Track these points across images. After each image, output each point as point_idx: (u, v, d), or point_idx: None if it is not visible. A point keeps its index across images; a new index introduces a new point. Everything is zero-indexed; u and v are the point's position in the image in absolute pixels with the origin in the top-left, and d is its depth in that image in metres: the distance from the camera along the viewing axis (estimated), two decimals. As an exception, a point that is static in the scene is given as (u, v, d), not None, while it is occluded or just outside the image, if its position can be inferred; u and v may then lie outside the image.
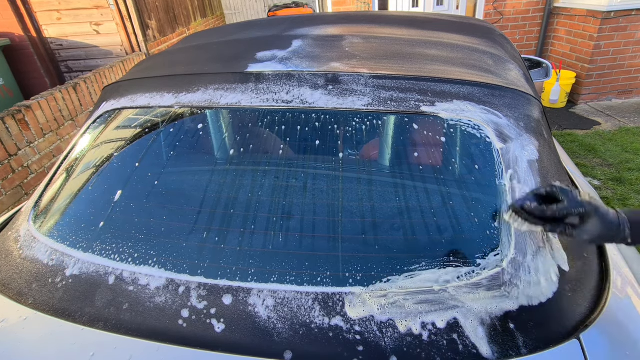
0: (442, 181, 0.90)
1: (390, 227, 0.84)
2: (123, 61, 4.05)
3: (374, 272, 0.77)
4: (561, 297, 0.73)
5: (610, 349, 0.69)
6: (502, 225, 0.79)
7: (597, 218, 0.70)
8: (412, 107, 0.92)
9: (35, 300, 0.83)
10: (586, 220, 0.70)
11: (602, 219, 0.70)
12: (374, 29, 1.39)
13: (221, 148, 1.11)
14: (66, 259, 0.88)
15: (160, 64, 1.26)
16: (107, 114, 1.15)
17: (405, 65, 1.03)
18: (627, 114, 4.20)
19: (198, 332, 0.73)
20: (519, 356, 0.66)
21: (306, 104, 0.96)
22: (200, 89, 1.05)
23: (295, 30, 1.39)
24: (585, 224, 0.70)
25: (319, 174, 0.95)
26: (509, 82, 1.01)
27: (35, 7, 4.28)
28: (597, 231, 0.70)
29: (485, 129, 0.89)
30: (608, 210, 0.71)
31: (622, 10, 4.01)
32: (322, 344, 0.69)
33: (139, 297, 0.79)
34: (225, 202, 0.92)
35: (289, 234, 0.85)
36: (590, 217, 0.70)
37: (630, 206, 2.72)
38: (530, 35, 4.92)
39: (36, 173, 2.78)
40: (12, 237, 0.99)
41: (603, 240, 0.72)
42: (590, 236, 0.70)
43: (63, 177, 1.08)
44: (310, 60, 1.08)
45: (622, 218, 0.70)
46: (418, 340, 0.68)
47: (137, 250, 0.86)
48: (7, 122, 2.51)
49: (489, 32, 1.45)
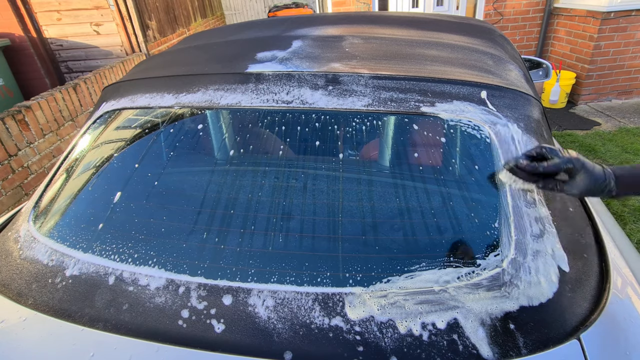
0: (442, 181, 0.90)
1: (390, 228, 0.84)
2: (123, 61, 4.05)
3: (374, 272, 0.77)
4: (561, 298, 0.73)
5: (610, 349, 0.69)
6: (502, 224, 0.79)
7: (584, 172, 0.75)
8: (412, 107, 0.92)
9: (35, 301, 0.83)
10: (574, 175, 0.76)
11: (589, 174, 0.75)
12: (374, 30, 1.39)
13: (221, 148, 1.11)
14: (66, 259, 0.88)
15: (160, 65, 1.26)
16: (107, 115, 1.15)
17: (405, 66, 1.03)
18: (627, 115, 4.20)
19: (198, 332, 0.73)
20: (519, 356, 0.66)
21: (306, 105, 0.96)
22: (201, 89, 1.05)
23: (295, 30, 1.39)
24: (574, 179, 0.76)
25: (319, 174, 0.95)
26: (509, 82, 1.01)
27: (35, 8, 4.28)
28: (585, 185, 0.75)
29: (485, 130, 0.89)
30: (594, 166, 0.77)
31: (622, 11, 4.01)
32: (322, 345, 0.69)
33: (139, 297, 0.79)
34: (225, 203, 0.92)
35: (289, 234, 0.85)
36: (578, 171, 0.75)
37: (630, 206, 2.72)
38: (530, 35, 4.92)
39: (36, 173, 2.78)
40: (12, 237, 0.99)
41: (591, 194, 0.77)
42: (579, 190, 0.76)
43: (63, 178, 1.08)
44: (310, 61, 1.08)
45: (608, 172, 0.76)
46: (418, 340, 0.68)
47: (137, 250, 0.86)
48: (7, 122, 2.51)
49: (489, 32, 1.45)
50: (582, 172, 0.75)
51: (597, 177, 0.75)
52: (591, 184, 0.75)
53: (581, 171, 0.75)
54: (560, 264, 0.75)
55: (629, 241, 1.01)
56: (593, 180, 0.75)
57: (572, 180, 0.76)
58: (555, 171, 0.77)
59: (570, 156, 0.76)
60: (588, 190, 0.75)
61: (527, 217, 0.79)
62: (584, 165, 0.76)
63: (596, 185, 0.75)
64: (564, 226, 0.83)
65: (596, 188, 0.75)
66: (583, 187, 0.75)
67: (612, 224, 1.05)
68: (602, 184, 0.75)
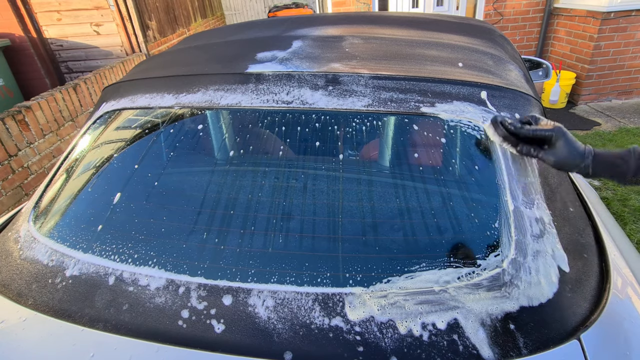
0: (442, 182, 0.90)
1: (391, 228, 0.84)
2: (123, 62, 4.05)
3: (374, 272, 0.77)
4: (561, 298, 0.73)
5: (610, 349, 0.69)
6: (502, 224, 0.79)
7: (564, 142, 0.77)
8: (412, 107, 0.92)
9: (35, 301, 0.83)
10: (554, 143, 0.78)
11: (568, 145, 0.77)
12: (374, 30, 1.39)
13: (221, 149, 1.11)
14: (66, 259, 0.88)
15: (160, 65, 1.26)
16: (107, 115, 1.15)
17: (405, 66, 1.03)
18: (627, 115, 4.20)
19: (198, 332, 0.73)
20: (520, 357, 0.66)
21: (306, 105, 0.96)
22: (201, 89, 1.05)
23: (295, 30, 1.39)
24: (553, 147, 0.78)
25: (319, 174, 0.95)
26: (509, 82, 1.01)
27: (35, 8, 4.28)
28: (562, 155, 0.77)
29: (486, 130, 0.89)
30: (576, 140, 0.78)
31: (622, 11, 4.01)
32: (322, 345, 0.69)
33: (139, 297, 0.79)
34: (225, 203, 0.92)
35: (289, 234, 0.85)
36: (558, 140, 0.77)
37: (631, 207, 2.72)
38: (530, 35, 4.92)
39: (36, 174, 2.79)
40: (12, 237, 0.99)
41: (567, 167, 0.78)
42: (555, 158, 0.78)
43: (63, 178, 1.08)
44: (310, 61, 1.08)
45: (588, 150, 0.77)
46: (418, 341, 0.68)
47: (137, 250, 0.86)
48: (7, 122, 2.51)
49: (489, 32, 1.45)
50: (562, 141, 0.77)
51: (575, 150, 0.76)
52: (569, 156, 0.76)
53: (561, 140, 0.77)
54: (560, 264, 0.75)
55: (629, 241, 1.01)
56: (571, 152, 0.76)
57: (551, 148, 0.78)
58: (537, 137, 0.79)
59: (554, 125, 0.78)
60: (564, 161, 0.77)
61: (527, 218, 0.79)
62: (565, 135, 0.77)
63: (573, 159, 0.76)
64: (564, 226, 0.83)
65: (572, 161, 0.77)
66: (560, 156, 0.77)
67: (612, 224, 1.05)
68: (579, 158, 0.76)
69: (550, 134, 0.78)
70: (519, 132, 0.81)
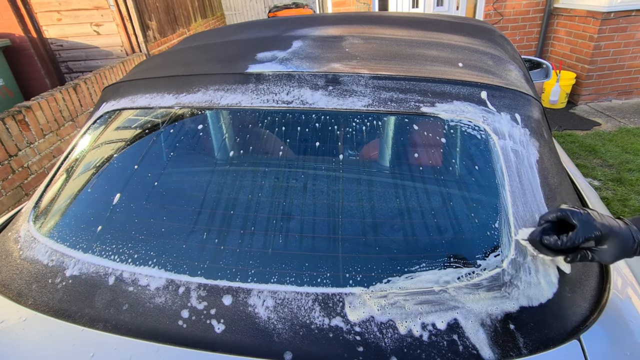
0: (442, 182, 0.90)
1: (391, 228, 0.84)
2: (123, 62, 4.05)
3: (374, 272, 0.77)
4: (561, 298, 0.73)
5: (610, 349, 0.69)
6: (502, 225, 0.79)
7: (613, 238, 0.69)
8: (412, 107, 0.92)
9: (35, 301, 0.83)
10: (603, 242, 0.70)
11: (618, 238, 0.69)
12: (374, 30, 1.39)
13: (221, 149, 1.11)
14: (66, 259, 0.88)
15: (160, 65, 1.26)
16: (107, 115, 1.15)
17: (406, 66, 1.03)
18: (627, 115, 4.20)
19: (198, 332, 0.73)
20: (520, 357, 0.66)
21: (306, 105, 0.96)
22: (201, 89, 1.05)
23: (295, 31, 1.39)
24: (603, 246, 0.70)
25: (319, 174, 0.95)
26: (509, 82, 1.01)
27: (35, 8, 4.28)
28: (616, 251, 0.69)
29: (486, 130, 0.89)
30: (620, 227, 0.70)
31: (622, 11, 4.01)
32: (322, 345, 0.69)
33: (139, 297, 0.79)
34: (225, 203, 0.92)
35: (289, 234, 0.85)
36: (607, 238, 0.69)
37: (631, 207, 2.72)
38: (530, 35, 4.92)
39: (36, 174, 2.79)
40: (12, 237, 0.99)
41: (623, 257, 0.71)
42: (611, 257, 0.70)
43: (63, 178, 1.08)
44: (310, 61, 1.08)
45: (635, 230, 0.70)
46: (418, 341, 0.68)
47: (137, 250, 0.86)
48: (7, 122, 2.51)
49: (489, 32, 1.45)
50: (611, 237, 0.69)
51: (626, 240, 0.69)
52: (622, 249, 0.69)
53: (610, 237, 0.69)
54: (560, 264, 0.75)
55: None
56: (623, 244, 0.69)
57: (601, 247, 0.70)
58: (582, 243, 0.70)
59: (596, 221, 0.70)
60: (620, 255, 0.70)
61: (528, 218, 0.79)
62: (612, 229, 0.69)
63: (627, 249, 0.69)
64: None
65: (627, 251, 0.70)
66: (615, 253, 0.69)
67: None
68: (632, 245, 0.69)
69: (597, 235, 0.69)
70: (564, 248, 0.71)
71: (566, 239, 0.70)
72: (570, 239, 0.69)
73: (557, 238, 0.71)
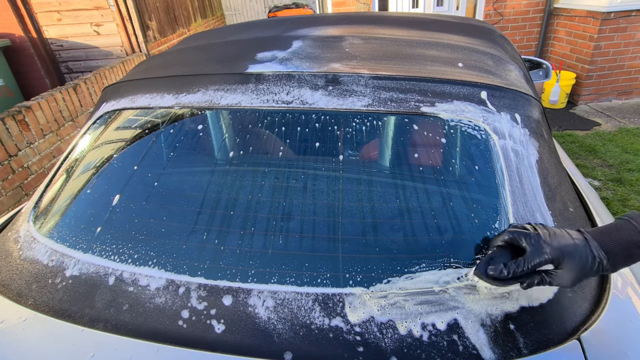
0: (442, 182, 0.90)
1: (390, 228, 0.84)
2: (123, 62, 4.05)
3: (374, 273, 0.77)
4: (561, 298, 0.73)
5: (610, 349, 0.69)
6: (502, 226, 0.79)
7: (567, 260, 0.63)
8: (412, 107, 0.92)
9: (35, 301, 0.83)
10: (558, 264, 0.64)
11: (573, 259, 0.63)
12: (374, 30, 1.39)
13: (221, 149, 1.11)
14: (66, 259, 0.88)
15: (160, 65, 1.26)
16: (107, 115, 1.15)
17: (406, 66, 1.03)
18: (627, 115, 4.20)
19: (198, 332, 0.73)
20: (520, 357, 0.66)
21: (306, 105, 0.96)
22: (201, 89, 1.05)
23: (295, 31, 1.39)
24: (559, 269, 0.64)
25: (319, 174, 0.95)
26: (509, 82, 1.01)
27: (35, 8, 4.29)
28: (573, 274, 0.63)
29: (486, 130, 0.89)
30: (576, 245, 0.64)
31: (622, 11, 4.02)
32: (322, 345, 0.69)
33: (139, 297, 0.79)
34: (225, 203, 0.92)
35: (289, 234, 0.85)
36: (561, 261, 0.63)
37: (631, 207, 2.72)
38: (530, 36, 4.93)
39: (36, 174, 2.79)
40: (12, 237, 0.99)
41: (584, 278, 0.64)
42: (569, 281, 0.64)
43: (63, 178, 1.08)
44: (310, 61, 1.08)
45: (594, 246, 0.63)
46: (418, 341, 0.68)
47: (137, 251, 0.86)
48: (7, 122, 2.51)
49: (489, 32, 1.45)
50: (564, 260, 0.63)
51: (583, 259, 0.63)
52: (579, 271, 0.63)
53: (563, 259, 0.63)
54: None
55: (629, 241, 1.01)
56: (580, 265, 0.63)
57: (557, 270, 0.64)
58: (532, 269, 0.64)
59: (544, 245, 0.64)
60: (579, 276, 0.63)
61: (528, 218, 0.79)
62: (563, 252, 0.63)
63: (585, 269, 0.63)
64: (564, 226, 0.83)
65: (586, 271, 0.63)
66: (573, 277, 0.63)
67: (612, 225, 1.04)
68: (593, 264, 0.63)
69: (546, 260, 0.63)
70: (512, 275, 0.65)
71: (513, 267, 0.64)
72: (518, 265, 0.64)
73: (502, 267, 0.65)
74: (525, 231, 0.68)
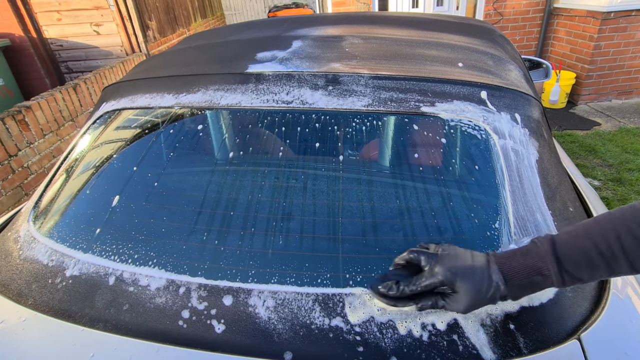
0: (442, 182, 0.90)
1: (391, 228, 0.84)
2: (123, 62, 4.05)
3: (374, 273, 0.77)
4: (561, 298, 0.73)
5: (610, 349, 0.69)
6: (502, 225, 0.79)
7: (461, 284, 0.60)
8: (412, 107, 0.92)
9: (35, 301, 0.83)
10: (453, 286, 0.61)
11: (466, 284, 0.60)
12: (374, 30, 1.39)
13: (221, 149, 1.11)
14: (66, 259, 0.88)
15: (160, 65, 1.26)
16: (107, 115, 1.15)
17: (406, 66, 1.03)
18: (627, 115, 4.21)
19: (198, 332, 0.73)
20: (520, 356, 0.66)
21: (306, 105, 0.96)
22: (201, 89, 1.05)
23: (295, 30, 1.39)
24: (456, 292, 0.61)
25: (319, 174, 0.95)
26: (509, 82, 1.01)
27: (35, 8, 4.29)
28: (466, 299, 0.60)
29: (486, 129, 0.89)
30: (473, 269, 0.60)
31: (622, 11, 4.02)
32: (322, 345, 0.69)
33: (139, 297, 0.79)
34: (226, 203, 0.92)
35: (289, 234, 0.85)
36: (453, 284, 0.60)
37: (631, 207, 2.72)
38: (530, 35, 4.93)
39: (36, 173, 2.79)
40: (12, 237, 0.99)
41: (479, 305, 0.61)
42: (462, 306, 0.61)
43: (63, 178, 1.08)
44: (310, 61, 1.08)
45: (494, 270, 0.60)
46: (418, 341, 0.68)
47: (137, 251, 0.86)
48: (7, 122, 2.51)
49: (489, 32, 1.45)
50: (457, 283, 0.60)
51: (477, 285, 0.60)
52: (473, 297, 0.60)
53: (456, 283, 0.60)
54: None
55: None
56: (474, 291, 0.60)
57: (454, 293, 0.62)
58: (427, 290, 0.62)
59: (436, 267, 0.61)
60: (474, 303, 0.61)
61: (528, 218, 0.79)
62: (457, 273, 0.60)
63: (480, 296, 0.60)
64: (565, 226, 0.83)
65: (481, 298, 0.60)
66: (467, 302, 0.60)
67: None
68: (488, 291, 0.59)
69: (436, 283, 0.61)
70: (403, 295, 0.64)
71: (403, 286, 0.63)
72: (408, 285, 0.63)
73: (392, 285, 0.64)
74: (425, 251, 0.66)
